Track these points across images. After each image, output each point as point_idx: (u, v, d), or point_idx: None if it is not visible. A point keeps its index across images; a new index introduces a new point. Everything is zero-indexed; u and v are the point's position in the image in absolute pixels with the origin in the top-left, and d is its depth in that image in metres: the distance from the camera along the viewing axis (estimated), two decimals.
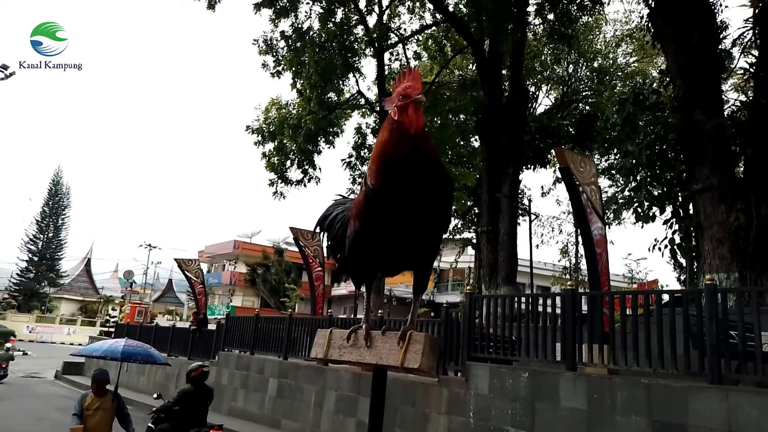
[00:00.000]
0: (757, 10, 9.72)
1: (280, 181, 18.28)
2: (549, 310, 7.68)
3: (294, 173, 18.38)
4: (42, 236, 59.00)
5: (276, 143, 18.08)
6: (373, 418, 1.79)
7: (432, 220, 1.82)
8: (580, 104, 20.70)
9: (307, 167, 18.22)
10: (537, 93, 21.42)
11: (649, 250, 9.97)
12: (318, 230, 2.39)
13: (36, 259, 57.78)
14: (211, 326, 16.17)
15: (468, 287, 8.96)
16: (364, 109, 19.66)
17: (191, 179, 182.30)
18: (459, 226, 23.59)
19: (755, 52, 9.92)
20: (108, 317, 49.09)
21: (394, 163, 1.77)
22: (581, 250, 19.72)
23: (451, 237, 23.75)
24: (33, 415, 11.81)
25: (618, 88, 19.24)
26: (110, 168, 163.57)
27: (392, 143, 1.79)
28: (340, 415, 9.37)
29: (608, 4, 27.44)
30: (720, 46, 10.08)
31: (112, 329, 27.09)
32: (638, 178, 10.11)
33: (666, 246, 9.57)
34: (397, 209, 1.75)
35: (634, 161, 9.76)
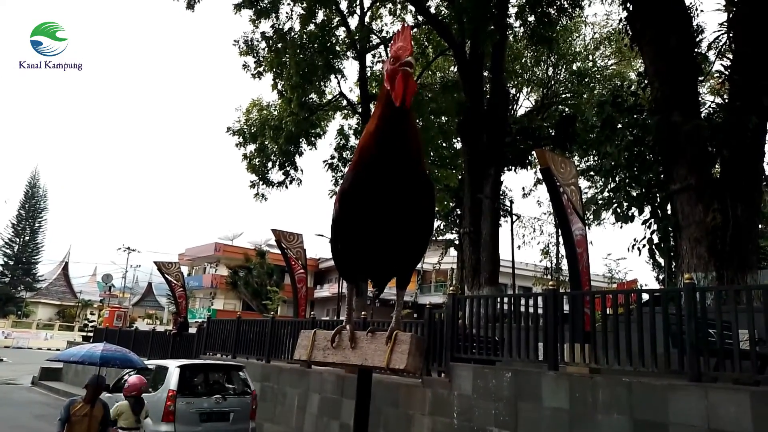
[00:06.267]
0: (731, 14, 9.89)
1: (261, 183, 18.18)
2: (531, 310, 7.73)
3: (275, 175, 18.31)
4: (18, 239, 57.99)
5: (257, 145, 17.97)
6: (358, 421, 1.78)
7: (410, 217, 1.75)
8: (560, 106, 20.91)
9: (288, 169, 18.15)
10: (518, 95, 21.56)
11: (628, 250, 10.09)
12: None
13: (12, 262, 56.73)
14: (192, 330, 16.00)
15: (451, 288, 8.97)
16: (346, 111, 19.63)
17: (171, 181, 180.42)
18: (441, 227, 23.65)
19: (730, 56, 10.10)
20: (86, 322, 48.28)
21: (375, 148, 1.69)
22: (562, 251, 19.91)
23: (434, 238, 23.80)
24: (9, 423, 11.55)
25: (597, 90, 19.44)
26: (88, 170, 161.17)
27: (375, 125, 1.70)
28: (323, 418, 9.32)
29: (589, 5, 27.78)
30: (696, 49, 10.24)
31: (91, 334, 26.65)
32: (617, 179, 10.24)
33: (645, 246, 9.69)
34: (375, 197, 1.69)
35: (613, 162, 9.88)
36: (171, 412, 7.24)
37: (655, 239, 9.59)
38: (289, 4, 16.12)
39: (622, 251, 54.31)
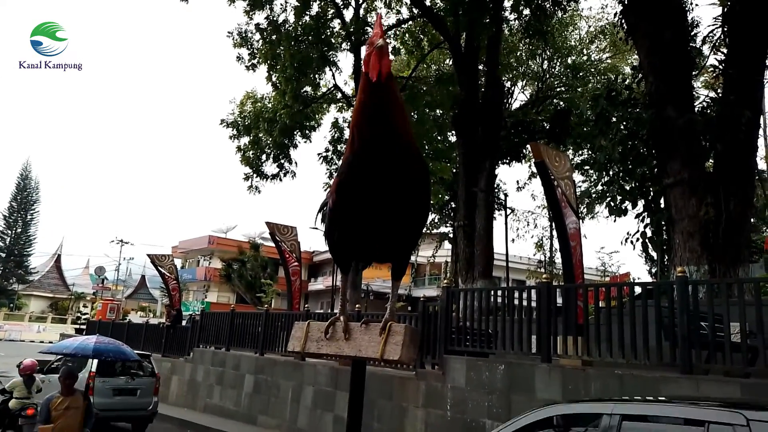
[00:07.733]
0: (725, 9, 9.90)
1: (255, 176, 18.12)
2: (524, 303, 7.76)
3: (269, 167, 18.26)
4: (10, 232, 57.54)
5: (251, 137, 17.90)
6: (352, 412, 1.77)
7: (407, 198, 1.76)
8: (555, 100, 20.91)
9: (282, 161, 18.10)
10: (513, 88, 21.55)
11: (621, 243, 10.19)
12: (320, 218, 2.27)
13: (4, 255, 56.33)
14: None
15: (445, 281, 8.99)
16: (341, 104, 19.55)
17: (164, 173, 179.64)
18: (436, 220, 23.68)
19: (724, 50, 10.12)
20: (79, 314, 48.11)
21: (366, 131, 1.72)
22: (556, 244, 19.99)
23: (428, 231, 23.84)
24: None
25: (592, 84, 19.45)
26: (81, 163, 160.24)
27: (360, 106, 1.73)
28: (317, 410, 9.34)
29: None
30: (691, 44, 10.25)
31: (84, 326, 26.58)
32: (611, 172, 10.27)
33: (638, 239, 9.74)
34: (371, 181, 1.70)
35: (607, 156, 9.89)
36: (90, 388, 9.14)
37: (648, 233, 9.64)
38: None
39: (615, 245, 54.65)
